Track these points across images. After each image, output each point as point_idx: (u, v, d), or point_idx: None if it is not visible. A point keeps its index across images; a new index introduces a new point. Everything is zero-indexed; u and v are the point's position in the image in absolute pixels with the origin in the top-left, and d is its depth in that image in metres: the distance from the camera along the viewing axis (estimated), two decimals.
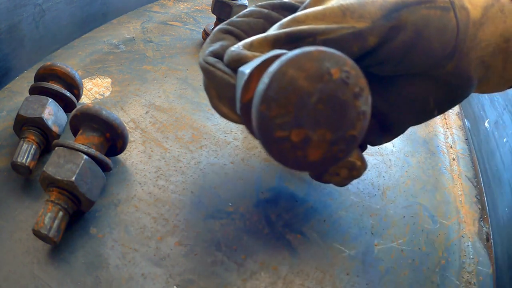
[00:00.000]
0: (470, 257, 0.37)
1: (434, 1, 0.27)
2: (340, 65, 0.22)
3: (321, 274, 0.32)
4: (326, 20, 0.27)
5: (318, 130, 0.23)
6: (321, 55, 0.21)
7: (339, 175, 0.32)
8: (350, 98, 0.23)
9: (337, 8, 0.27)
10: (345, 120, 0.23)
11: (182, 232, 0.33)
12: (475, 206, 0.43)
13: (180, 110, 0.45)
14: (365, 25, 0.26)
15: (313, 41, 0.26)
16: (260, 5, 0.32)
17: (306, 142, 0.23)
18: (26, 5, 0.42)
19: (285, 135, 0.22)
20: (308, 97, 0.22)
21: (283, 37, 0.26)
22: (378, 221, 0.38)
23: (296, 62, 0.21)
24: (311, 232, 0.35)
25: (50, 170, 0.28)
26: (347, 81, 0.22)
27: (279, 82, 0.21)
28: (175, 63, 0.53)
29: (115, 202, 0.34)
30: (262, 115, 0.22)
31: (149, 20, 0.62)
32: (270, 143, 0.23)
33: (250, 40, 0.27)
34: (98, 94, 0.45)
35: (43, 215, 0.27)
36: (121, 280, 0.29)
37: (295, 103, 0.22)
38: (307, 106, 0.22)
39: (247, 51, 0.27)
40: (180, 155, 0.40)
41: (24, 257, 0.28)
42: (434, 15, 0.27)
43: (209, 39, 0.32)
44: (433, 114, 0.32)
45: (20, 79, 0.44)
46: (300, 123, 0.22)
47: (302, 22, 0.27)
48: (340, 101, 0.22)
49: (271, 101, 0.21)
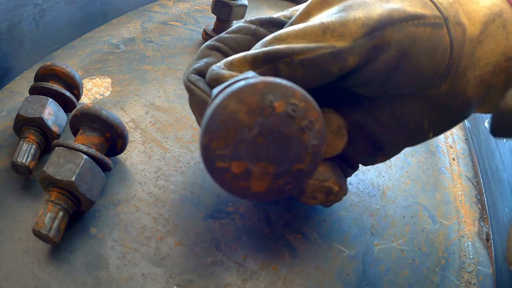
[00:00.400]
0: (470, 257, 0.37)
1: (423, 17, 0.24)
2: (286, 97, 0.21)
3: (321, 274, 0.32)
4: (306, 39, 0.25)
5: (259, 163, 0.23)
6: (266, 87, 0.21)
7: (316, 199, 0.31)
8: (296, 132, 0.22)
9: (317, 26, 0.25)
10: (290, 154, 0.23)
11: (182, 232, 0.33)
12: (475, 206, 0.43)
13: (180, 110, 0.45)
14: (345, 44, 0.24)
15: (290, 61, 0.25)
16: (249, 21, 0.32)
17: (247, 174, 0.23)
18: (26, 5, 0.42)
19: (226, 166, 0.22)
20: (248, 131, 0.21)
21: (261, 57, 0.26)
22: (378, 221, 0.38)
23: (238, 95, 0.21)
24: (311, 232, 0.35)
25: (50, 170, 0.28)
26: (292, 115, 0.22)
27: (220, 115, 0.21)
28: (175, 63, 0.53)
29: (115, 202, 0.34)
30: (204, 146, 0.22)
31: (149, 20, 0.62)
32: (213, 173, 0.23)
33: (231, 58, 0.27)
34: (98, 94, 0.45)
35: (43, 215, 0.27)
36: (121, 280, 0.29)
37: (235, 136, 0.21)
38: (247, 140, 0.22)
39: (225, 70, 0.26)
40: (180, 155, 0.40)
41: (24, 257, 0.28)
42: (423, 33, 0.24)
43: (196, 55, 0.32)
44: (428, 136, 0.30)
45: (20, 79, 0.44)
46: (239, 156, 0.22)
47: (283, 41, 0.26)
48: (283, 135, 0.22)
49: (212, 133, 0.21)
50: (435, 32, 0.24)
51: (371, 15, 0.24)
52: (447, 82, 0.26)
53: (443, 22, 0.24)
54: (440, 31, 0.24)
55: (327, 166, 0.30)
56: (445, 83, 0.26)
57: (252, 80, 0.21)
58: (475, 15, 0.25)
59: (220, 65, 0.27)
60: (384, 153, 0.32)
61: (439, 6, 0.25)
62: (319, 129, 0.23)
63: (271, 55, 0.25)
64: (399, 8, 0.24)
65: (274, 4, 0.78)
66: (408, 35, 0.24)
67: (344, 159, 0.32)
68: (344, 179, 0.31)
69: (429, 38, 0.24)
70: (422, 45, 0.24)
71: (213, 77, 0.27)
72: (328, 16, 0.26)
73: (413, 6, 0.24)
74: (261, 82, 0.21)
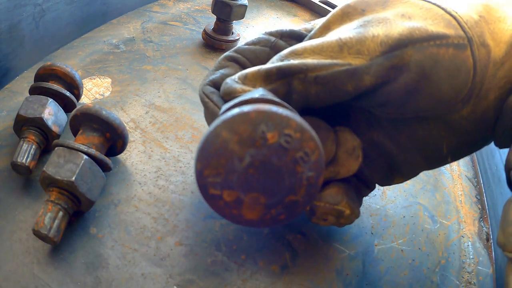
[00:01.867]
0: (470, 257, 0.37)
1: (446, 37, 0.23)
2: (280, 128, 0.21)
3: (321, 274, 0.32)
4: (322, 54, 0.24)
5: (249, 193, 0.22)
6: (259, 117, 0.20)
7: (327, 221, 0.30)
8: (289, 164, 0.22)
9: (335, 42, 0.24)
10: (282, 186, 0.22)
11: (182, 232, 0.33)
12: (475, 206, 0.43)
13: (180, 110, 0.45)
14: (361, 62, 0.23)
15: (304, 77, 0.24)
16: (269, 33, 0.31)
17: (239, 203, 0.23)
18: (26, 5, 0.42)
19: (218, 194, 0.22)
20: (239, 161, 0.21)
21: (274, 72, 0.25)
22: (378, 221, 0.38)
23: (231, 124, 0.20)
24: (311, 232, 0.35)
25: (50, 170, 0.28)
26: (285, 146, 0.21)
27: (211, 144, 0.21)
28: (175, 63, 0.53)
29: (115, 202, 0.34)
30: (198, 172, 0.22)
31: (149, 20, 0.62)
32: (207, 198, 0.23)
33: (246, 72, 0.27)
34: (98, 94, 0.45)
35: (43, 215, 0.27)
36: (121, 280, 0.29)
37: (225, 165, 0.21)
38: (237, 170, 0.21)
39: (239, 85, 0.26)
40: (180, 155, 0.40)
41: (24, 257, 0.28)
42: (445, 54, 0.23)
43: (214, 66, 0.31)
44: (447, 160, 0.29)
45: (20, 79, 0.44)
46: (230, 185, 0.22)
47: (299, 55, 0.25)
48: (275, 167, 0.22)
49: (204, 161, 0.21)
50: (458, 53, 0.23)
51: (391, 33, 0.23)
52: (469, 106, 0.25)
53: (467, 43, 0.23)
54: (463, 53, 0.23)
55: (340, 188, 0.29)
56: (467, 107, 0.25)
57: (245, 108, 0.20)
58: (501, 35, 0.24)
59: (234, 78, 0.27)
60: (401, 174, 0.31)
61: (464, 25, 0.23)
62: (316, 160, 0.22)
63: (285, 70, 0.25)
64: (420, 27, 0.23)
65: (274, 4, 0.78)
66: (429, 56, 0.23)
67: (361, 178, 0.31)
68: (357, 202, 0.30)
69: (451, 60, 0.23)
70: (444, 67, 0.23)
71: (226, 91, 0.26)
72: (347, 32, 0.25)
73: (435, 25, 0.23)
74: (254, 111, 0.20)
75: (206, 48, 0.58)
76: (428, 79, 0.23)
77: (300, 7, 0.79)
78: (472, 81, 0.24)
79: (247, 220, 0.24)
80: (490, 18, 0.24)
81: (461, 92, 0.24)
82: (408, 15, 0.24)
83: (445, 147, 0.27)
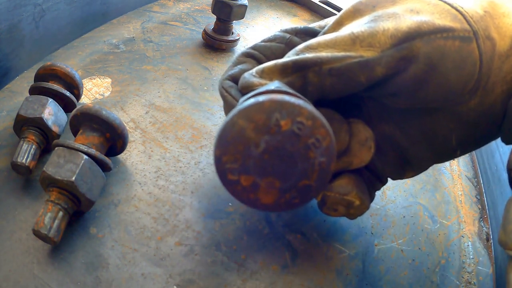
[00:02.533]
0: (470, 257, 0.37)
1: (452, 30, 0.24)
2: (293, 116, 0.22)
3: (321, 274, 0.32)
4: (336, 48, 0.26)
5: (265, 178, 0.24)
6: (273, 106, 0.22)
7: (337, 211, 0.31)
8: (302, 149, 0.23)
9: (347, 36, 0.26)
10: (295, 170, 0.24)
11: (182, 232, 0.33)
12: (475, 206, 0.43)
13: (180, 110, 0.45)
14: (373, 54, 0.25)
15: (318, 70, 0.26)
16: (284, 30, 0.33)
17: (255, 187, 0.24)
18: (26, 5, 0.42)
19: (236, 179, 0.24)
20: (255, 147, 0.23)
21: (290, 65, 0.27)
22: (378, 221, 0.38)
23: (247, 113, 0.22)
24: (311, 232, 0.35)
25: (50, 170, 0.28)
26: (298, 133, 0.22)
27: (229, 131, 0.22)
28: (175, 63, 0.53)
29: (115, 202, 0.34)
30: (216, 159, 0.23)
31: (149, 20, 0.62)
32: (225, 183, 0.24)
33: (263, 66, 0.28)
34: (98, 94, 0.45)
35: (43, 215, 0.27)
36: (121, 280, 0.29)
37: (242, 152, 0.23)
38: (254, 155, 0.23)
39: (256, 78, 0.27)
40: (180, 155, 0.40)
41: (24, 257, 0.28)
42: (452, 46, 0.24)
43: (232, 62, 0.33)
44: (456, 153, 0.30)
45: (20, 79, 0.44)
46: (247, 170, 0.23)
47: (314, 49, 0.26)
48: (288, 152, 0.23)
49: (222, 148, 0.23)
50: (464, 46, 0.24)
51: (400, 26, 0.24)
52: (476, 98, 0.25)
53: (472, 36, 0.24)
54: (469, 45, 0.24)
55: (350, 179, 0.30)
56: (474, 99, 0.26)
57: (260, 98, 0.22)
58: (505, 29, 0.25)
59: (252, 72, 0.28)
60: (412, 168, 0.32)
61: (469, 19, 0.24)
62: (327, 146, 0.23)
63: (300, 64, 0.26)
64: (428, 21, 0.24)
65: (274, 4, 0.78)
66: (436, 48, 0.24)
67: (374, 172, 0.32)
68: (367, 193, 0.31)
69: (457, 52, 0.24)
70: (451, 58, 0.24)
71: (244, 85, 0.28)
72: (358, 26, 0.26)
73: (442, 19, 0.24)
74: (268, 101, 0.22)
75: (206, 48, 0.58)
76: (436, 70, 0.24)
77: (300, 7, 0.79)
78: (479, 72, 0.24)
79: (263, 204, 0.25)
80: (494, 13, 0.25)
81: (469, 83, 0.25)
82: (416, 10, 0.25)
83: (454, 139, 0.28)
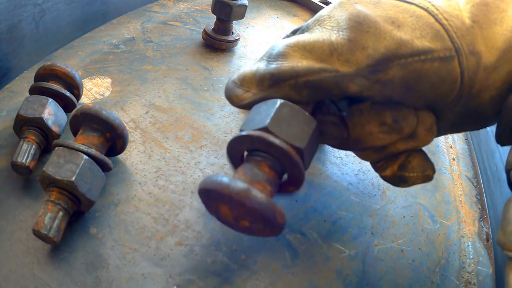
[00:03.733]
0: (470, 257, 0.37)
1: (432, 51, 0.24)
2: (230, 204, 0.25)
3: (321, 274, 0.32)
4: (312, 54, 0.26)
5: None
6: (218, 196, 0.25)
7: (414, 184, 0.32)
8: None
9: (326, 45, 0.26)
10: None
11: (182, 232, 0.33)
12: (475, 206, 0.43)
13: (180, 110, 0.45)
14: (348, 70, 0.25)
15: (295, 83, 0.26)
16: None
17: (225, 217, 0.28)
18: (26, 5, 0.42)
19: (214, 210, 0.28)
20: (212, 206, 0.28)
21: (267, 77, 0.27)
22: (378, 221, 0.38)
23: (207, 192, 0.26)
24: (311, 232, 0.35)
25: (50, 170, 0.28)
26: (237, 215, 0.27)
27: (201, 193, 0.27)
28: (175, 63, 0.53)
29: (115, 202, 0.34)
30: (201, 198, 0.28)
31: (149, 20, 0.62)
32: (211, 212, 0.29)
33: (243, 74, 0.29)
34: (98, 94, 0.45)
35: (43, 215, 0.27)
36: (121, 280, 0.29)
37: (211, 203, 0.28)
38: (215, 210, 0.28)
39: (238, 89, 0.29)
40: (180, 155, 0.40)
41: (24, 257, 0.28)
42: (430, 69, 0.24)
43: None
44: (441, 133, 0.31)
45: (20, 79, 0.44)
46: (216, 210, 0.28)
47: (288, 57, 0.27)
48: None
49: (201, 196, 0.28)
50: (443, 66, 0.24)
51: (378, 47, 0.24)
52: (459, 105, 0.26)
53: (454, 54, 0.24)
54: (449, 64, 0.24)
55: (421, 156, 0.31)
56: (457, 106, 0.26)
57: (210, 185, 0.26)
58: (494, 41, 0.24)
59: (234, 79, 0.30)
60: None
61: (452, 35, 0.24)
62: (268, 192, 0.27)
63: (276, 76, 0.27)
64: (406, 42, 0.24)
65: (274, 4, 0.78)
66: (412, 72, 0.24)
67: None
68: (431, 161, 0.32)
69: (436, 73, 0.24)
70: (428, 80, 0.24)
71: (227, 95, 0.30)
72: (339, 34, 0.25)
73: (422, 38, 0.24)
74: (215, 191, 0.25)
75: (206, 48, 0.58)
76: (413, 90, 0.25)
77: (300, 7, 0.79)
78: (459, 87, 0.25)
79: (242, 228, 0.28)
80: (485, 22, 0.24)
81: (448, 97, 0.26)
82: (398, 23, 0.25)
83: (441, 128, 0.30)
